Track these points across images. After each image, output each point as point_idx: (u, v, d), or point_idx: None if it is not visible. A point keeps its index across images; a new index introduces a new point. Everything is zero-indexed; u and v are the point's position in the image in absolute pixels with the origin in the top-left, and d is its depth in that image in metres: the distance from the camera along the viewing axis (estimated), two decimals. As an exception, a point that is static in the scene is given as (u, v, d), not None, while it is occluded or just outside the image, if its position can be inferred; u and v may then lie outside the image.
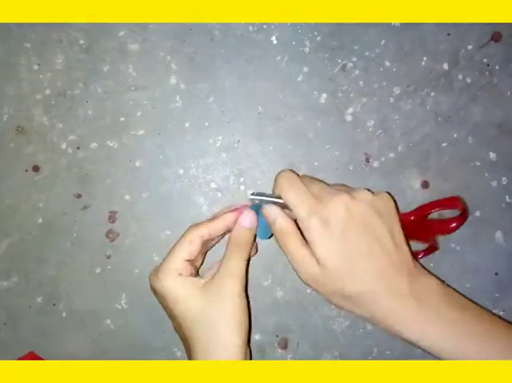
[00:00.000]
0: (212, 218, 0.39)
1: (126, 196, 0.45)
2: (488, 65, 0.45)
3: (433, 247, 0.43)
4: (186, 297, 0.35)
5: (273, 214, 0.35)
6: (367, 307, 0.32)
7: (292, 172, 0.36)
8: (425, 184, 0.45)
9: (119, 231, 0.45)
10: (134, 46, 0.45)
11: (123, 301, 0.45)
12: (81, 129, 0.45)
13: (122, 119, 0.45)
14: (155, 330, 0.45)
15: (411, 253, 0.34)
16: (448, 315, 0.32)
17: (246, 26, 0.45)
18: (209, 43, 0.45)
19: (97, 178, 0.45)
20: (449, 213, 0.43)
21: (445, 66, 0.45)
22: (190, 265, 0.37)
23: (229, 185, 0.45)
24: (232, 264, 0.35)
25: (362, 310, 0.33)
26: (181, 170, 0.45)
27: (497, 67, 0.45)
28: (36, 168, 0.45)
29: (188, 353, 0.36)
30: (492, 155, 0.45)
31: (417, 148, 0.45)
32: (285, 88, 0.45)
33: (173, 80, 0.45)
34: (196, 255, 0.38)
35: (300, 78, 0.45)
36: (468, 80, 0.45)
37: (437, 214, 0.43)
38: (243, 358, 0.34)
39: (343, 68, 0.45)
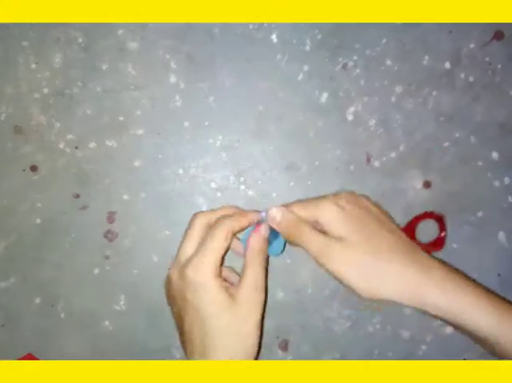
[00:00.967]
0: (239, 213, 0.39)
1: (125, 196, 0.45)
2: (490, 64, 0.45)
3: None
4: (218, 302, 0.35)
5: (279, 214, 0.37)
6: (391, 281, 0.34)
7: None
8: (427, 184, 0.45)
9: (117, 232, 0.45)
10: (133, 45, 0.45)
11: (121, 302, 0.45)
12: (80, 129, 0.45)
13: (121, 118, 0.45)
14: (154, 332, 0.44)
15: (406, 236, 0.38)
16: (453, 280, 0.35)
17: (246, 25, 0.45)
18: (209, 41, 0.45)
19: (96, 178, 0.45)
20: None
21: (447, 65, 0.45)
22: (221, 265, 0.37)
23: (229, 185, 0.45)
24: (256, 276, 0.37)
25: (386, 284, 0.35)
26: (180, 170, 0.45)
27: (499, 66, 0.45)
28: (34, 168, 0.45)
29: (189, 349, 0.36)
30: (494, 154, 0.45)
31: (419, 148, 0.45)
32: (285, 87, 0.45)
33: (172, 79, 0.45)
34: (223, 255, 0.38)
35: (300, 77, 0.45)
36: (470, 79, 0.45)
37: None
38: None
39: (344, 67, 0.45)
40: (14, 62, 0.45)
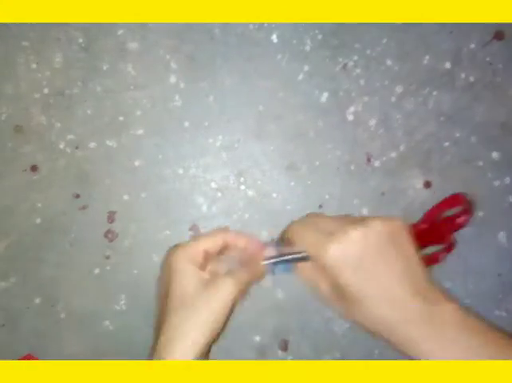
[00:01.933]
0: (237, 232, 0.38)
1: (125, 196, 0.45)
2: (491, 64, 0.45)
3: (451, 245, 0.43)
4: (189, 283, 0.34)
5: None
6: (384, 332, 0.33)
7: (299, 221, 0.37)
8: (427, 184, 0.45)
9: (118, 232, 0.45)
10: (133, 45, 0.45)
11: (122, 302, 0.45)
12: (80, 129, 0.45)
13: (121, 118, 0.45)
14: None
15: (426, 275, 0.34)
16: (467, 342, 0.31)
17: (246, 24, 0.45)
18: (209, 41, 0.45)
19: (96, 178, 0.45)
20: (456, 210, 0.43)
21: (447, 65, 0.45)
22: (204, 259, 0.37)
23: (229, 185, 0.45)
24: (240, 274, 0.36)
25: (382, 334, 0.33)
26: (181, 170, 0.45)
27: (500, 66, 0.45)
28: (34, 168, 0.45)
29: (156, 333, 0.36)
30: (495, 154, 0.45)
31: (419, 148, 0.45)
32: (285, 87, 0.45)
33: (173, 79, 0.45)
34: (212, 254, 0.37)
35: (301, 77, 0.45)
36: (471, 78, 0.45)
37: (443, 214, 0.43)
38: (196, 358, 0.34)
39: (344, 67, 0.45)
40: (15, 62, 0.45)
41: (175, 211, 0.45)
